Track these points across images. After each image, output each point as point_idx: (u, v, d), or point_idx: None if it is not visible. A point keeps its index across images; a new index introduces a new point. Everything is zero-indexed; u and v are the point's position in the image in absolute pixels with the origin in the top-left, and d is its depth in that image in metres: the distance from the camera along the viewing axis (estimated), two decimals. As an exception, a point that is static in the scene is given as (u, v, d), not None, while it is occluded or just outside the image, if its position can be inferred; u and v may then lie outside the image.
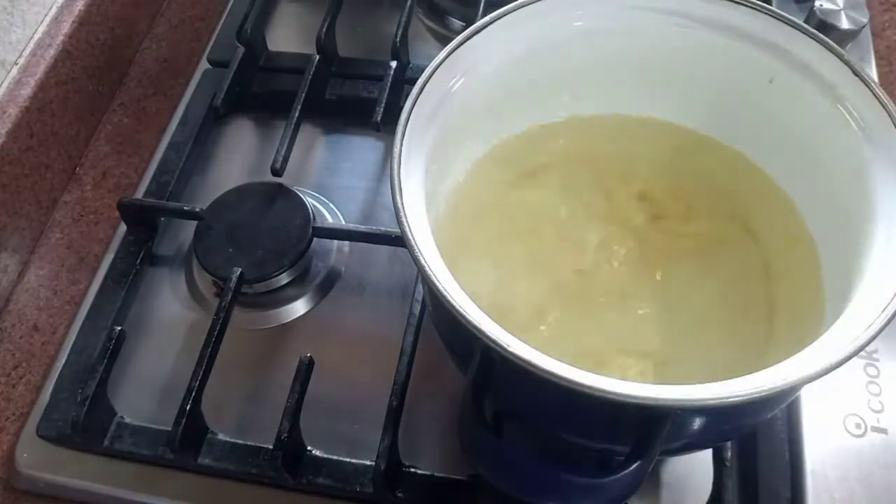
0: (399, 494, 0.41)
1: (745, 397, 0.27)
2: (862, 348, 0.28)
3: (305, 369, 0.42)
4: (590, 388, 0.27)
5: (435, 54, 0.37)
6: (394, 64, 0.56)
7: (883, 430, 0.42)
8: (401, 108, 0.35)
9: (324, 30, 0.57)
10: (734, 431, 0.37)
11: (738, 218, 0.42)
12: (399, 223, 0.31)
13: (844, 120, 0.36)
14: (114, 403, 0.45)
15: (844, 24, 0.51)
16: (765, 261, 0.41)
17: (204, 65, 0.62)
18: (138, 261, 0.51)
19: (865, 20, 0.52)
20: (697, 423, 0.32)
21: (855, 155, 0.36)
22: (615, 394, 0.27)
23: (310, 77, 0.55)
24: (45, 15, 0.57)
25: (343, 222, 0.53)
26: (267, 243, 0.49)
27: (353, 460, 0.43)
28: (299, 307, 0.50)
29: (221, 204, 0.51)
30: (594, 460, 0.36)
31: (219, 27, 0.64)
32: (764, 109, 0.41)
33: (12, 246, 0.53)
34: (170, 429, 0.41)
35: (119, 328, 0.45)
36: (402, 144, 0.34)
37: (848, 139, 0.36)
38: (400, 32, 0.57)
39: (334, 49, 0.59)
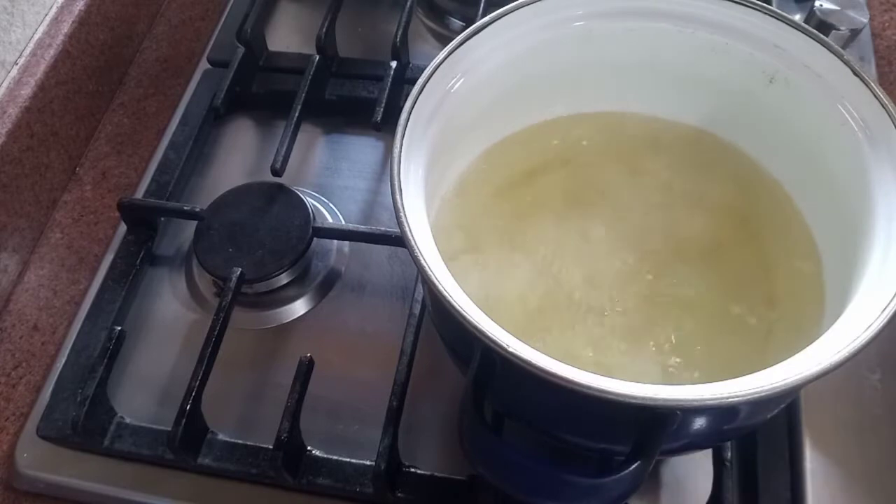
0: (399, 494, 0.41)
1: (745, 397, 0.27)
2: (862, 348, 0.28)
3: (305, 369, 0.42)
4: (590, 388, 0.27)
5: (435, 54, 0.37)
6: (394, 64, 0.56)
7: (883, 431, 0.42)
8: (401, 108, 0.35)
9: (324, 30, 0.57)
10: (734, 431, 0.37)
11: (739, 218, 0.42)
12: (399, 223, 0.32)
13: (844, 120, 0.36)
14: (114, 403, 0.45)
15: (844, 24, 0.51)
16: (765, 261, 0.41)
17: (204, 65, 0.62)
18: (138, 261, 0.51)
19: (865, 20, 0.52)
20: (697, 423, 0.32)
21: (855, 155, 0.36)
22: (615, 394, 0.27)
23: (310, 77, 0.55)
24: (45, 15, 0.57)
25: (343, 222, 0.53)
26: (267, 243, 0.49)
27: (353, 460, 0.43)
28: (299, 307, 0.50)
29: (221, 204, 0.51)
30: (594, 460, 0.36)
31: (219, 27, 0.64)
32: (764, 109, 0.41)
33: (12, 246, 0.53)
34: (170, 429, 0.41)
35: (119, 328, 0.46)
36: (402, 144, 0.34)
37: (848, 139, 0.36)
38: (400, 32, 0.57)
39: (334, 49, 0.59)
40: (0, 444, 0.46)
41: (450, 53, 0.37)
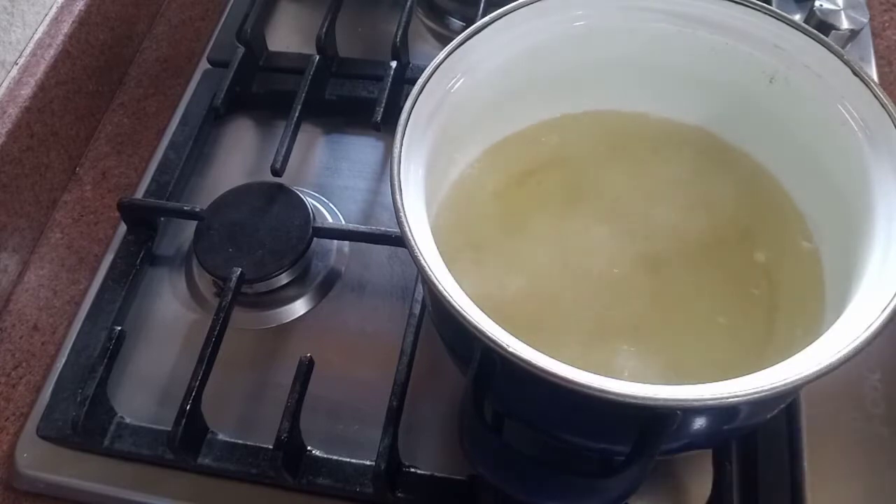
0: (399, 494, 0.41)
1: (745, 397, 0.27)
2: (862, 348, 0.28)
3: (305, 369, 0.42)
4: (590, 388, 0.27)
5: (435, 54, 0.37)
6: (394, 64, 0.56)
7: (883, 431, 0.42)
8: (401, 108, 0.35)
9: (324, 30, 0.57)
10: (734, 431, 0.37)
11: (738, 217, 0.42)
12: (399, 223, 0.32)
13: (844, 120, 0.36)
14: (114, 403, 0.45)
15: (844, 24, 0.51)
16: (765, 261, 0.41)
17: (204, 65, 0.62)
18: (138, 261, 0.51)
19: (865, 20, 0.52)
20: (697, 423, 0.32)
21: (855, 155, 0.36)
22: (615, 394, 0.27)
23: (310, 77, 0.55)
24: (45, 15, 0.57)
25: (343, 222, 0.53)
26: (267, 243, 0.49)
27: (353, 460, 0.43)
28: (299, 307, 0.50)
29: (221, 204, 0.51)
30: (594, 460, 0.36)
31: (219, 27, 0.64)
32: (764, 109, 0.41)
33: (12, 246, 0.53)
34: (170, 429, 0.41)
35: (119, 328, 0.46)
36: (402, 144, 0.34)
37: (848, 139, 0.36)
38: (400, 32, 0.57)
39: (334, 49, 0.59)
40: (0, 444, 0.46)
41: (450, 53, 0.37)
